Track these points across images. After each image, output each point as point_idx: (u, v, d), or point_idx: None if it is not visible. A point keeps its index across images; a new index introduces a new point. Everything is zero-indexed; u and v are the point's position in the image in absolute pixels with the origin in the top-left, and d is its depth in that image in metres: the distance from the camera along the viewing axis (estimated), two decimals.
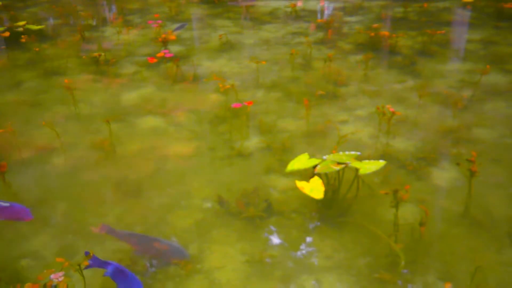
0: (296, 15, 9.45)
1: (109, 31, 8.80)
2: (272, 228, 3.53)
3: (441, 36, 7.62)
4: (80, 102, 5.76)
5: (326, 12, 9.52)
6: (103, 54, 7.00)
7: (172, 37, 7.29)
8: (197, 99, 5.75)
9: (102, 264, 2.80)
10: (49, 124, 4.93)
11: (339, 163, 3.55)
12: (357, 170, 3.51)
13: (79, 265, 2.73)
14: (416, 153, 4.39)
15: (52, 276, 2.71)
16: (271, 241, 3.40)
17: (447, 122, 4.93)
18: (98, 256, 3.17)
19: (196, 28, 8.88)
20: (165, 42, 7.17)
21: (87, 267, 2.72)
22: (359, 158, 3.69)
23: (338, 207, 3.66)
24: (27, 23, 8.69)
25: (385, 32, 7.31)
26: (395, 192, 3.20)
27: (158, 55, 6.92)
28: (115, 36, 8.38)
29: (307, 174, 3.73)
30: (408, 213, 3.60)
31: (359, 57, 6.93)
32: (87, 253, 2.71)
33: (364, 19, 8.92)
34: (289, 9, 9.87)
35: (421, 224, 3.24)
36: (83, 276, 2.84)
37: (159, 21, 8.71)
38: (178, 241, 3.43)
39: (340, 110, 5.32)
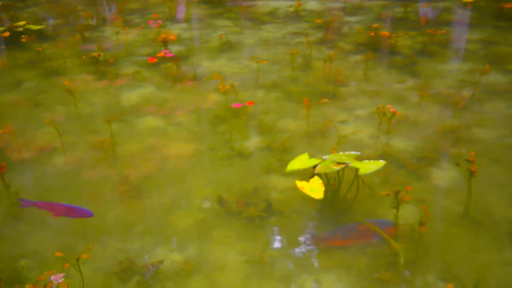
0: (296, 15, 9.45)
1: (109, 31, 8.80)
2: (272, 228, 3.53)
3: (441, 36, 7.62)
4: (80, 102, 5.76)
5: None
6: (103, 54, 7.00)
7: (172, 37, 7.29)
8: (197, 99, 5.75)
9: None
10: (51, 123, 4.94)
11: (339, 163, 3.55)
12: (357, 170, 3.51)
13: (77, 259, 2.73)
14: (416, 153, 4.39)
15: (52, 277, 2.71)
16: (271, 241, 3.40)
17: (447, 122, 4.93)
18: (98, 255, 3.18)
19: (196, 28, 8.88)
20: (165, 42, 7.17)
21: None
22: (359, 158, 3.69)
23: (338, 207, 3.66)
24: (27, 23, 8.69)
25: (385, 32, 7.31)
26: (396, 193, 3.20)
27: (159, 55, 6.93)
28: (115, 36, 8.38)
29: (307, 174, 3.73)
30: (408, 213, 3.60)
31: (359, 57, 6.93)
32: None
33: (364, 19, 8.92)
34: (291, 9, 9.87)
35: (421, 224, 3.24)
36: (81, 273, 2.85)
37: (159, 21, 8.71)
38: (178, 241, 3.43)
39: (340, 110, 5.32)
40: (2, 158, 4.58)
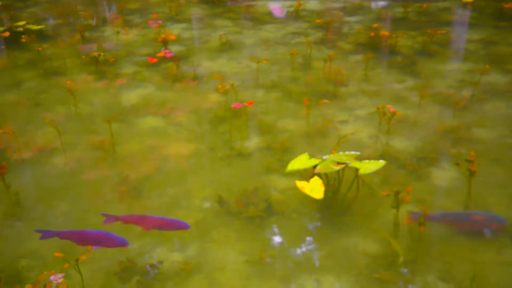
0: (297, 15, 9.44)
1: (109, 31, 8.80)
2: (272, 228, 3.53)
3: (441, 36, 7.62)
4: (80, 102, 5.76)
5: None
6: (103, 54, 7.00)
7: (172, 37, 7.29)
8: (197, 99, 5.75)
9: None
10: (51, 123, 4.94)
11: (339, 163, 3.55)
12: (357, 170, 3.51)
13: (76, 260, 2.74)
14: (416, 153, 4.39)
15: (51, 277, 2.71)
16: (271, 241, 3.40)
17: (447, 122, 4.93)
18: (98, 255, 3.17)
19: (196, 28, 8.88)
20: (165, 42, 7.17)
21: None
22: (359, 158, 3.69)
23: (338, 207, 3.66)
24: (27, 23, 8.69)
25: (385, 32, 7.31)
26: (396, 193, 3.20)
27: (159, 55, 6.93)
28: (115, 36, 8.38)
29: (307, 174, 3.73)
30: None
31: (359, 57, 6.93)
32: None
33: (364, 19, 8.92)
34: (291, 9, 9.87)
35: (421, 224, 3.24)
36: (80, 274, 2.85)
37: (159, 21, 8.72)
38: (177, 240, 3.43)
39: (340, 110, 5.32)
40: (2, 158, 4.58)
